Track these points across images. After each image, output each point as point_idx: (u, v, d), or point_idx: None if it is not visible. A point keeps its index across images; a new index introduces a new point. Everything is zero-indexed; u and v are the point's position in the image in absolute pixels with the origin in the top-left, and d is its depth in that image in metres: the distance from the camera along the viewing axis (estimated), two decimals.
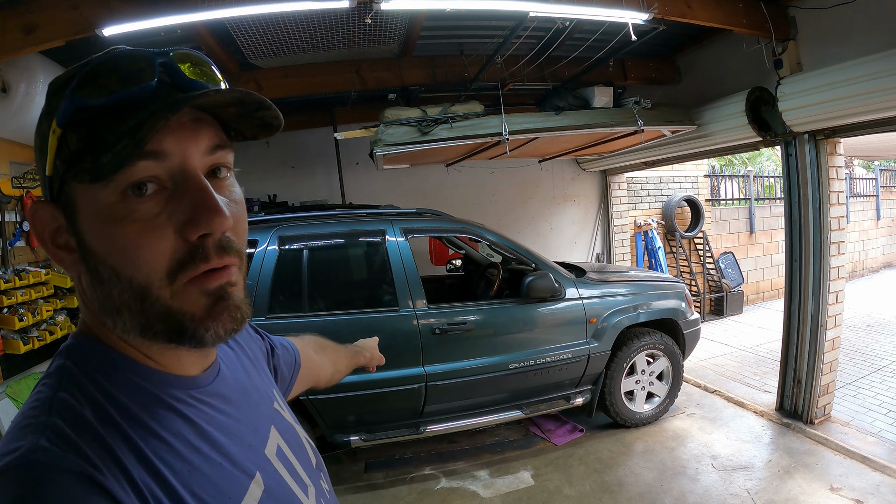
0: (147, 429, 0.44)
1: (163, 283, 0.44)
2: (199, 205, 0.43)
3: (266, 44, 3.19)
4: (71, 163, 0.43)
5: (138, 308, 0.44)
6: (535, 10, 2.55)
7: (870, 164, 10.67)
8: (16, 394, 2.51)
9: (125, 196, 0.42)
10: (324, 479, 0.66)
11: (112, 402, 0.44)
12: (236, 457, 0.50)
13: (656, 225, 6.54)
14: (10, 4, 2.26)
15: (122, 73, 0.43)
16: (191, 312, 0.45)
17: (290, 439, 0.62)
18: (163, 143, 0.43)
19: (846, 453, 3.00)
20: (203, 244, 0.44)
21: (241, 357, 0.66)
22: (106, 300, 0.45)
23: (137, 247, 0.42)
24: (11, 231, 2.69)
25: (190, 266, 0.44)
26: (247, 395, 0.59)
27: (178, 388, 0.49)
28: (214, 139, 0.47)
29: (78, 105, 0.42)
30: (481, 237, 3.33)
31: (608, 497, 2.80)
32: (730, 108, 3.58)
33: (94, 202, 0.43)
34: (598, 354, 3.30)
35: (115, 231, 0.43)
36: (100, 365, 0.46)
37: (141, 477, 0.41)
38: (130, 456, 0.41)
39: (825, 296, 3.32)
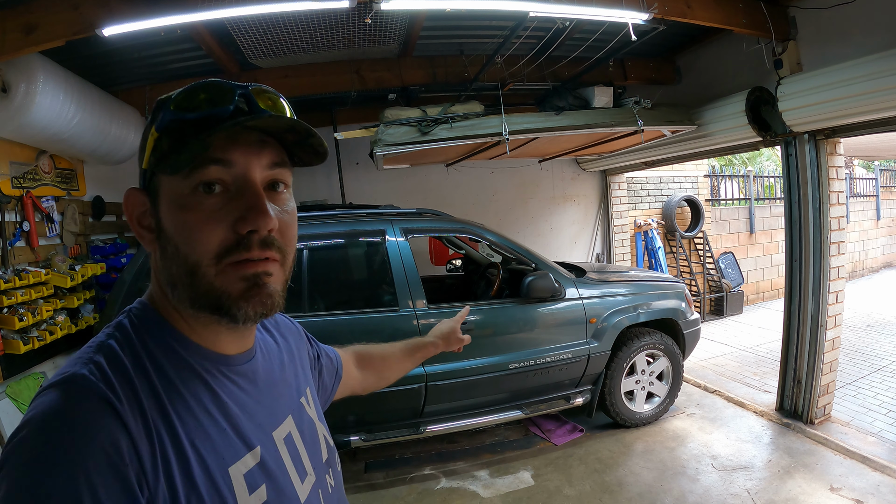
0: (172, 384, 0.54)
1: (210, 263, 0.53)
2: (251, 206, 0.54)
3: (266, 44, 3.19)
4: (161, 159, 0.55)
5: (189, 282, 0.54)
6: (535, 10, 2.55)
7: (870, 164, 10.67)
8: (16, 394, 2.51)
9: (196, 191, 0.53)
10: (331, 475, 0.72)
11: (150, 358, 0.54)
12: (242, 429, 0.58)
13: (656, 225, 6.54)
14: (10, 4, 2.26)
15: (210, 96, 0.55)
16: (228, 292, 0.54)
17: (305, 431, 0.69)
18: (231, 153, 0.54)
19: (846, 453, 3.00)
20: (249, 238, 0.54)
21: (283, 352, 0.75)
22: (168, 273, 0.56)
23: (197, 231, 0.53)
24: (11, 231, 2.69)
25: (234, 252, 0.54)
26: (273, 383, 0.68)
27: (209, 361, 0.59)
28: (274, 157, 0.57)
29: (172, 117, 0.55)
30: (481, 237, 3.33)
31: (608, 497, 2.80)
32: (730, 108, 3.58)
33: (172, 191, 0.54)
34: (598, 354, 3.30)
35: (184, 216, 0.54)
36: (149, 328, 0.57)
37: (152, 416, 0.50)
38: (150, 399, 0.51)
39: (825, 296, 3.32)
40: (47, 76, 2.51)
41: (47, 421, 0.45)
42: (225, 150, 0.53)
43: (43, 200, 2.94)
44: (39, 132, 2.65)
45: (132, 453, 0.47)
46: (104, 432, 0.46)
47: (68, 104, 2.68)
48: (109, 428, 0.46)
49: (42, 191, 2.96)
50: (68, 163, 3.25)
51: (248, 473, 0.56)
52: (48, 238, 2.99)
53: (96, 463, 0.44)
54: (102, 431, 0.46)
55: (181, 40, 3.05)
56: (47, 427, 0.45)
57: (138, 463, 0.47)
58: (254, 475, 0.56)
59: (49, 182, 3.03)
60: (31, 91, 2.44)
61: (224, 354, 0.61)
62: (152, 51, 3.16)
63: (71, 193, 3.27)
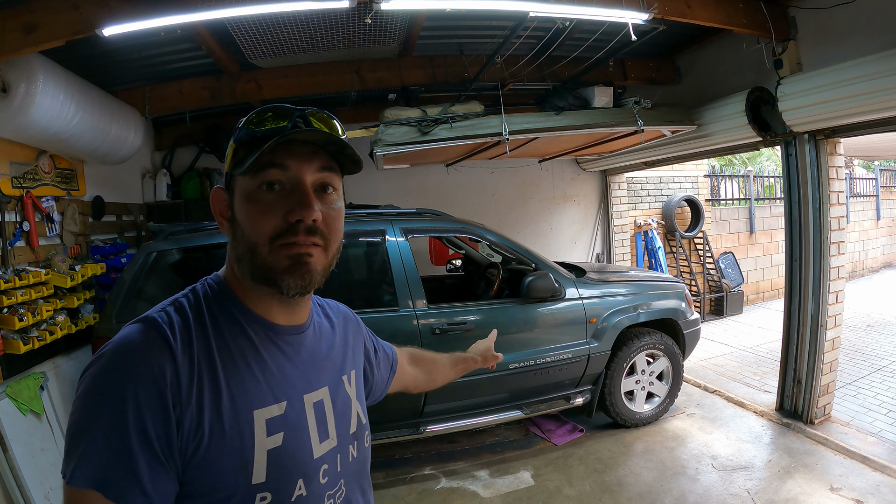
0: (223, 337, 0.69)
1: (265, 243, 0.67)
2: (299, 201, 0.68)
3: (266, 44, 3.19)
4: (237, 164, 0.70)
5: (249, 258, 0.69)
6: (535, 10, 2.55)
7: (870, 164, 10.67)
8: (16, 394, 2.51)
9: (260, 188, 0.68)
10: (355, 447, 0.82)
11: (210, 315, 0.70)
12: (274, 384, 0.70)
13: (656, 225, 6.54)
14: (10, 4, 2.26)
15: (273, 116, 0.71)
16: (276, 266, 0.68)
17: (338, 403, 0.80)
18: (287, 160, 0.68)
19: (846, 453, 3.00)
20: (297, 226, 0.67)
21: (336, 336, 0.87)
22: (236, 251, 0.72)
23: (258, 219, 0.68)
24: (11, 231, 2.69)
25: (283, 236, 0.67)
26: (317, 357, 0.80)
27: (260, 326, 0.73)
28: (323, 163, 0.71)
29: (246, 132, 0.71)
30: (481, 237, 3.33)
31: (608, 497, 2.80)
32: (730, 108, 3.58)
33: (243, 188, 0.69)
34: (598, 354, 3.30)
35: (249, 207, 0.69)
36: (216, 294, 0.73)
37: (199, 355, 0.65)
38: (201, 342, 0.67)
39: (825, 296, 3.32)
40: (47, 76, 2.50)
41: (120, 344, 0.63)
42: (283, 157, 0.68)
43: (43, 200, 2.94)
44: (39, 132, 2.65)
45: (174, 378, 0.61)
46: (155, 357, 0.61)
47: (68, 104, 2.68)
48: (160, 355, 0.62)
49: (42, 191, 2.96)
50: (68, 163, 3.25)
51: (270, 419, 0.67)
52: (48, 238, 2.99)
53: (144, 377, 0.59)
54: (154, 356, 0.61)
55: (181, 40, 3.05)
56: (119, 348, 0.62)
57: (177, 385, 0.61)
58: (275, 422, 0.68)
59: (49, 182, 3.03)
60: (31, 91, 2.43)
61: (274, 323, 0.74)
62: (152, 51, 3.16)
63: (71, 193, 3.27)
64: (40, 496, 2.46)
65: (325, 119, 0.74)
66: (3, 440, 2.36)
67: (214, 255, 3.04)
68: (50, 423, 2.70)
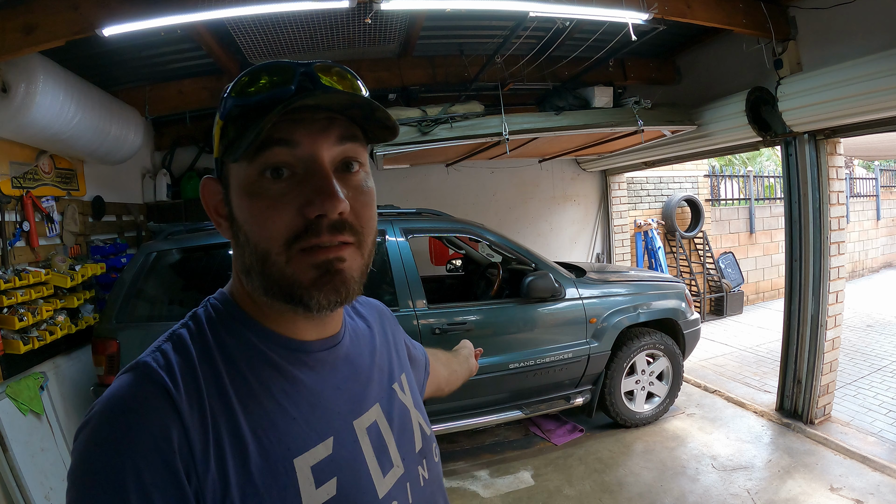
0: (239, 373, 0.53)
1: (280, 251, 0.51)
2: (318, 189, 0.51)
3: (266, 44, 3.18)
4: (227, 147, 0.53)
5: (260, 270, 0.53)
6: (535, 10, 2.55)
7: (870, 164, 10.67)
8: (16, 394, 2.51)
9: (262, 176, 0.51)
10: (425, 466, 0.68)
11: (219, 347, 0.54)
12: (314, 418, 0.55)
13: (656, 225, 6.54)
14: (10, 4, 2.25)
15: (270, 79, 0.53)
16: (299, 280, 0.52)
17: (395, 419, 0.65)
18: (294, 133, 0.51)
19: (846, 453, 3.00)
20: (318, 223, 0.51)
21: (375, 336, 0.72)
22: (241, 261, 0.55)
23: (265, 218, 0.51)
24: (11, 231, 2.69)
25: (303, 238, 0.51)
26: (360, 369, 0.65)
27: (285, 349, 0.57)
28: (343, 131, 0.54)
29: (234, 102, 0.53)
30: (481, 237, 3.33)
31: (608, 497, 2.80)
32: (730, 108, 3.58)
33: (240, 177, 0.53)
34: (598, 354, 3.30)
35: (251, 203, 0.52)
36: (223, 318, 0.57)
37: (211, 403, 0.50)
38: (212, 387, 0.51)
39: (825, 296, 3.32)
40: (47, 76, 2.50)
41: (109, 404, 0.48)
42: (288, 130, 0.51)
43: (43, 200, 2.94)
44: (39, 132, 2.65)
45: (182, 440, 0.47)
46: (155, 419, 0.47)
47: (68, 104, 2.68)
48: (161, 414, 0.47)
49: (42, 191, 2.96)
50: (68, 163, 3.25)
51: (316, 465, 0.53)
52: (48, 238, 2.99)
53: (144, 447, 0.45)
54: (154, 418, 0.47)
55: (181, 40, 3.05)
56: (108, 410, 0.48)
57: (188, 450, 0.47)
58: (323, 467, 0.53)
59: (49, 182, 3.03)
60: (31, 91, 2.43)
61: (302, 341, 0.58)
62: (152, 51, 3.16)
63: (71, 193, 3.27)
64: (40, 496, 2.46)
65: (340, 74, 0.56)
66: (3, 440, 2.36)
67: (215, 255, 3.04)
68: (50, 423, 2.70)
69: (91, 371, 2.90)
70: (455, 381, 1.08)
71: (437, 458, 0.72)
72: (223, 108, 0.55)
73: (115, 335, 2.70)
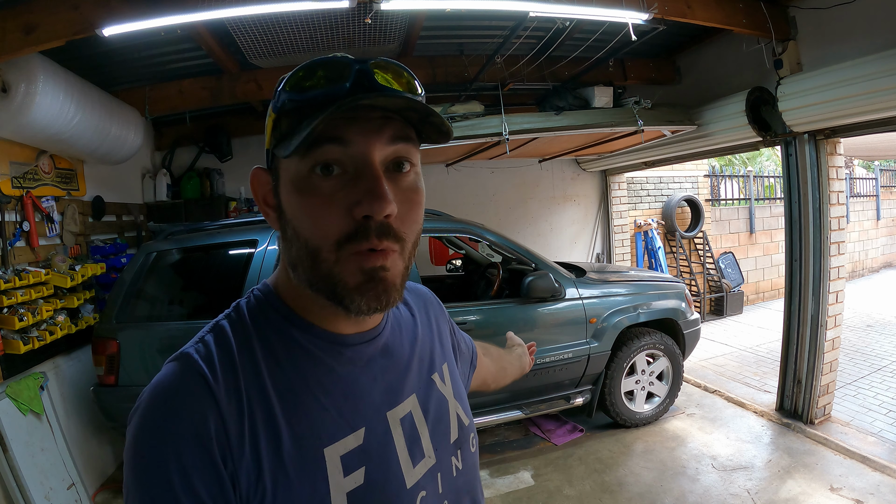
0: (278, 364, 0.56)
1: (331, 249, 0.52)
2: (368, 190, 0.51)
3: (266, 44, 3.18)
4: (279, 140, 0.54)
5: (310, 265, 0.54)
6: (535, 10, 2.55)
7: (870, 164, 10.67)
8: (16, 394, 2.51)
9: (313, 172, 0.52)
10: (459, 456, 0.68)
11: (260, 338, 0.57)
12: (348, 409, 0.57)
13: (656, 225, 6.54)
14: (10, 4, 2.26)
15: (325, 74, 0.53)
16: (345, 281, 0.53)
17: (431, 410, 0.66)
18: (347, 132, 0.51)
19: (846, 453, 3.00)
20: (367, 224, 0.51)
21: (419, 325, 0.73)
22: (289, 254, 0.56)
23: (316, 216, 0.52)
24: (11, 231, 2.69)
25: (354, 241, 0.52)
26: (399, 360, 0.66)
27: (323, 341, 0.59)
28: (396, 131, 0.54)
29: (288, 97, 0.54)
30: (481, 237, 3.33)
31: (608, 497, 2.80)
32: (730, 108, 3.57)
33: (291, 172, 0.54)
34: (598, 354, 3.30)
35: (302, 200, 0.53)
36: (265, 310, 0.59)
37: (248, 393, 0.53)
38: (251, 376, 0.54)
39: (825, 296, 3.32)
40: (47, 76, 2.50)
41: (154, 393, 0.52)
42: (342, 128, 0.51)
43: (43, 200, 2.94)
44: (39, 132, 2.65)
45: (219, 428, 0.50)
46: (195, 406, 0.50)
47: (68, 104, 2.68)
48: (199, 403, 0.50)
49: (42, 191, 2.96)
50: (68, 163, 3.25)
51: (346, 455, 0.55)
52: (48, 238, 2.99)
53: (184, 433, 0.49)
54: (193, 406, 0.50)
55: (181, 40, 3.05)
56: (152, 399, 0.52)
57: (224, 437, 0.50)
58: (353, 456, 0.56)
59: (49, 182, 3.03)
60: (31, 91, 2.43)
61: (341, 334, 0.60)
62: (152, 51, 3.16)
63: (71, 193, 3.27)
64: (40, 496, 2.46)
65: (396, 72, 0.56)
66: (3, 440, 2.36)
67: (214, 255, 3.04)
68: (50, 423, 2.70)
69: (91, 371, 2.90)
70: (504, 379, 1.07)
71: (473, 448, 0.72)
72: (277, 101, 0.55)
73: (115, 335, 2.70)
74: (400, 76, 0.55)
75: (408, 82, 0.56)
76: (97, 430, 3.08)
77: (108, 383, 2.70)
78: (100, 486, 3.02)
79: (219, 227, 3.05)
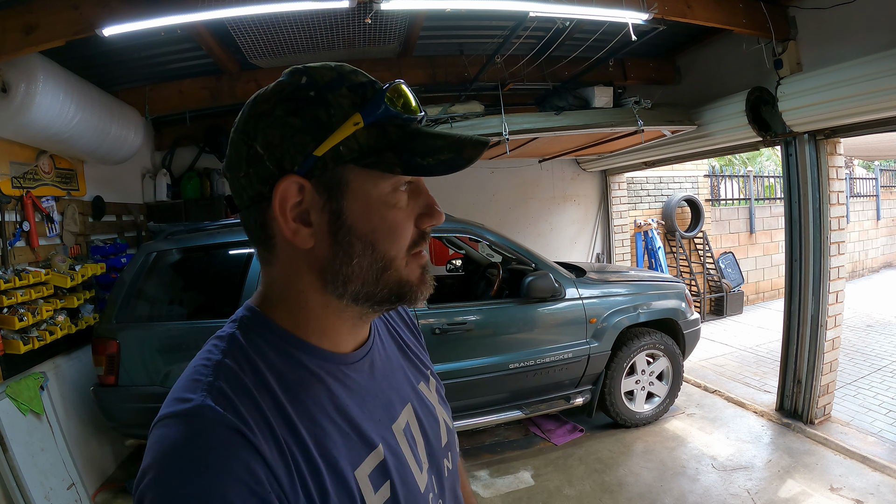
0: (294, 395, 0.53)
1: (404, 257, 0.57)
2: (430, 205, 0.58)
3: (266, 44, 3.18)
4: (361, 153, 0.52)
5: (377, 276, 0.56)
6: (535, 10, 2.55)
7: (870, 164, 10.67)
8: (16, 394, 2.51)
9: (398, 189, 0.56)
10: (449, 458, 0.71)
11: (270, 370, 0.53)
12: (363, 429, 0.57)
13: (656, 225, 6.54)
14: (10, 4, 2.26)
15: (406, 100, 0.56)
16: (410, 280, 0.58)
17: (423, 418, 0.68)
18: None
19: (846, 453, 3.00)
20: (426, 232, 0.59)
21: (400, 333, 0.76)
22: (345, 270, 0.55)
23: (399, 228, 0.56)
24: (11, 231, 2.69)
25: (416, 246, 0.58)
26: (391, 371, 0.68)
27: (329, 362, 0.58)
28: None
29: (388, 112, 0.53)
30: (481, 237, 3.33)
31: (608, 497, 2.80)
32: (730, 108, 3.57)
33: (374, 188, 0.54)
34: (598, 354, 3.30)
35: (387, 213, 0.55)
36: (264, 336, 0.56)
37: (283, 435, 0.49)
38: (279, 418, 0.50)
39: (825, 296, 3.32)
40: (47, 76, 2.50)
41: (177, 458, 0.43)
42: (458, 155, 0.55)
43: (43, 200, 2.94)
44: (39, 132, 2.65)
45: (271, 479, 0.46)
46: (241, 465, 0.44)
47: (68, 104, 2.68)
48: (245, 459, 0.45)
49: (42, 191, 2.96)
50: (68, 163, 3.25)
51: (372, 473, 0.55)
52: (48, 238, 2.99)
53: (240, 494, 0.43)
54: (239, 464, 0.44)
55: (181, 40, 3.05)
56: (179, 466, 0.43)
57: (279, 487, 0.46)
58: (377, 473, 0.56)
59: (49, 182, 3.03)
60: (31, 91, 2.43)
61: (342, 353, 0.60)
62: (152, 51, 3.16)
63: (71, 193, 3.27)
64: (40, 496, 2.46)
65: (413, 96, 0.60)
66: (3, 440, 2.36)
67: (214, 255, 3.04)
68: (50, 423, 2.70)
69: (91, 371, 2.90)
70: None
71: (457, 448, 0.76)
72: (369, 109, 0.53)
73: (115, 335, 2.70)
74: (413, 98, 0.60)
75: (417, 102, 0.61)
76: (97, 430, 3.08)
77: (108, 383, 2.70)
78: (100, 486, 3.02)
79: (219, 227, 3.05)
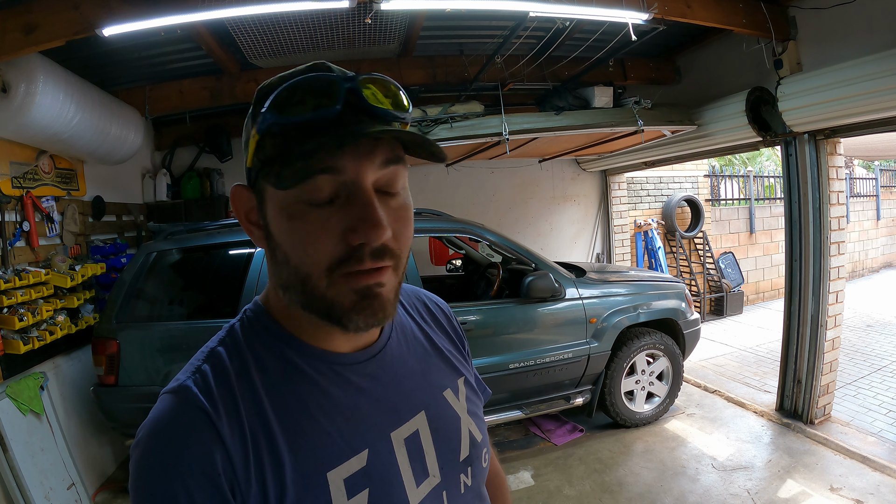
0: (276, 389, 0.55)
1: (321, 276, 0.51)
2: (363, 217, 0.49)
3: (266, 44, 3.19)
4: (264, 163, 0.52)
5: (300, 289, 0.53)
6: (535, 10, 2.55)
7: (870, 164, 10.67)
8: (16, 394, 2.51)
9: (303, 200, 0.50)
10: (469, 473, 0.66)
11: (256, 362, 0.56)
12: (349, 431, 0.56)
13: (656, 225, 6.54)
14: (10, 4, 2.26)
15: (313, 96, 0.50)
16: (339, 303, 0.52)
17: (440, 428, 0.64)
18: (340, 160, 0.49)
19: (846, 453, 3.00)
20: (361, 249, 0.50)
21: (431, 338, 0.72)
22: (278, 277, 0.55)
23: (307, 243, 0.51)
24: (11, 231, 2.69)
25: (345, 265, 0.51)
26: (404, 376, 0.64)
27: (321, 361, 0.58)
28: (388, 154, 0.52)
29: (273, 120, 0.50)
30: (481, 237, 3.33)
31: (608, 497, 2.80)
32: (730, 108, 3.57)
33: (277, 196, 0.51)
34: (598, 354, 3.30)
35: (292, 225, 0.51)
36: (259, 331, 0.58)
37: (250, 422, 0.52)
38: (251, 405, 0.53)
39: (825, 296, 3.32)
40: (47, 76, 2.50)
41: (156, 429, 0.51)
42: (334, 157, 0.48)
43: (43, 200, 2.94)
44: (39, 132, 2.65)
45: (226, 462, 0.49)
46: (198, 443, 0.49)
47: (68, 104, 2.68)
48: (203, 439, 0.50)
49: (42, 191, 2.96)
50: (68, 163, 3.25)
51: (349, 478, 0.54)
52: (48, 238, 2.99)
53: (193, 471, 0.48)
54: (199, 444, 0.49)
55: (181, 40, 3.05)
56: (155, 435, 0.51)
57: (231, 471, 0.50)
58: (356, 479, 0.54)
59: (49, 182, 3.03)
60: (31, 91, 2.43)
61: (338, 353, 0.59)
62: (152, 51, 3.16)
63: (71, 193, 3.27)
64: (40, 496, 2.46)
65: (384, 85, 0.53)
66: (3, 440, 2.36)
67: (214, 255, 3.04)
68: (50, 423, 2.70)
69: (91, 371, 2.90)
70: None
71: (485, 463, 0.70)
72: (261, 123, 0.51)
73: (115, 335, 2.70)
74: (387, 91, 0.53)
75: (395, 96, 0.54)
76: (97, 430, 3.08)
77: (108, 383, 2.70)
78: (100, 486, 3.02)
79: (219, 227, 3.05)
